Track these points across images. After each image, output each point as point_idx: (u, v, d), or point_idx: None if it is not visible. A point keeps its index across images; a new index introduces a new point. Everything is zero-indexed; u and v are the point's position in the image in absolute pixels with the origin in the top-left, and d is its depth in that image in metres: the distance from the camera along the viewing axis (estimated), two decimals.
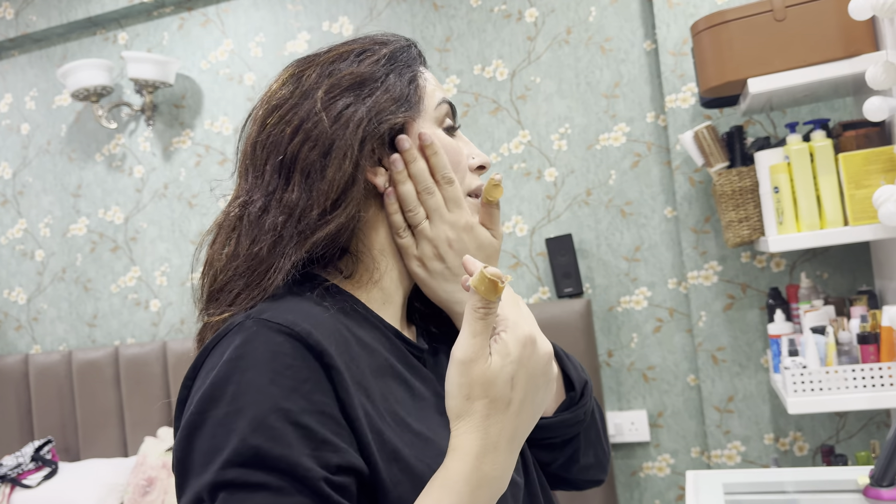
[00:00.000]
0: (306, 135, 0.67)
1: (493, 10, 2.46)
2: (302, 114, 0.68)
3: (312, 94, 0.69)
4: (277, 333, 0.59)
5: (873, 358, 1.62)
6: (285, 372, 0.57)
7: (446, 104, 0.75)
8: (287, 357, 0.58)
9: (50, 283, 3.02)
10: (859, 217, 1.65)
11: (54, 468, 2.59)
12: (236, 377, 0.57)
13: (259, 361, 0.57)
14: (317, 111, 0.67)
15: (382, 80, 0.70)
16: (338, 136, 0.66)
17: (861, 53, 1.66)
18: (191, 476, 0.57)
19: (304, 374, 0.58)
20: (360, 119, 0.67)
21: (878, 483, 1.27)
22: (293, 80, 0.71)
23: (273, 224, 0.66)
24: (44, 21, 2.92)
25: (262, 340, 0.58)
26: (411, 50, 0.75)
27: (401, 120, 0.70)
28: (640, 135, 2.31)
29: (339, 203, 0.66)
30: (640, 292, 2.31)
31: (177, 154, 2.85)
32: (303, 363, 0.58)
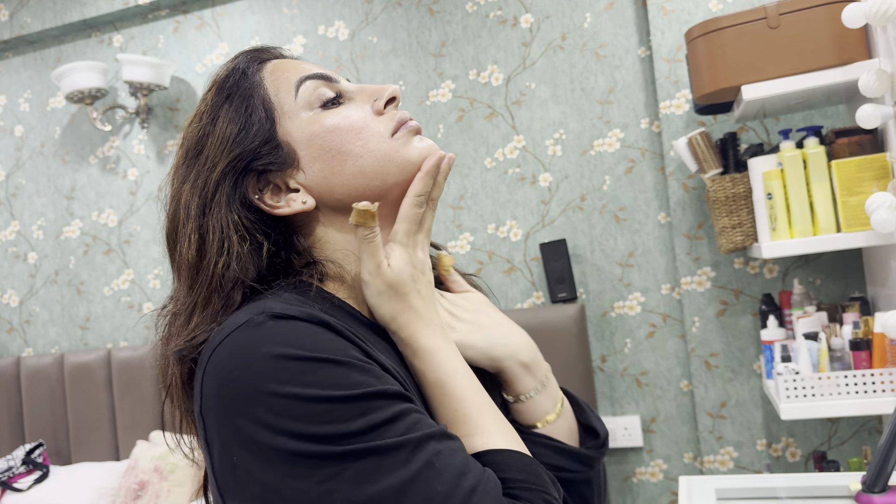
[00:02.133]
0: (168, 235, 0.71)
1: (489, 16, 2.47)
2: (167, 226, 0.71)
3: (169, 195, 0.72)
4: (297, 321, 0.59)
5: (865, 364, 1.62)
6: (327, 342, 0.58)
7: (309, 81, 0.69)
8: (323, 332, 0.59)
9: (42, 285, 3.01)
10: (852, 224, 1.66)
11: (45, 472, 2.57)
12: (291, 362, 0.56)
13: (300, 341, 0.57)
14: (167, 210, 0.71)
15: (212, 131, 0.68)
16: (177, 221, 0.69)
17: (854, 61, 1.67)
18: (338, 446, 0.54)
19: (343, 341, 0.59)
20: (187, 192, 0.68)
21: (870, 489, 1.27)
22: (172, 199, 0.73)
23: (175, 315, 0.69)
24: (38, 23, 2.91)
25: (288, 326, 0.58)
26: (235, 73, 0.70)
27: (238, 153, 0.67)
28: (635, 141, 2.32)
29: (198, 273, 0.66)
30: (634, 298, 2.32)
31: (171, 157, 2.84)
32: (335, 336, 0.59)
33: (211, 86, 0.72)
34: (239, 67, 0.71)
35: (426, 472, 0.53)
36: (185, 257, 0.67)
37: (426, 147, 0.70)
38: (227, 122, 0.68)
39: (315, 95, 0.69)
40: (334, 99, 0.69)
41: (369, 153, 0.68)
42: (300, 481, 0.53)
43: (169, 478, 2.36)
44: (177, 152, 0.72)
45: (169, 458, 2.39)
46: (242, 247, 0.65)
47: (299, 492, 0.53)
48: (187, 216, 0.68)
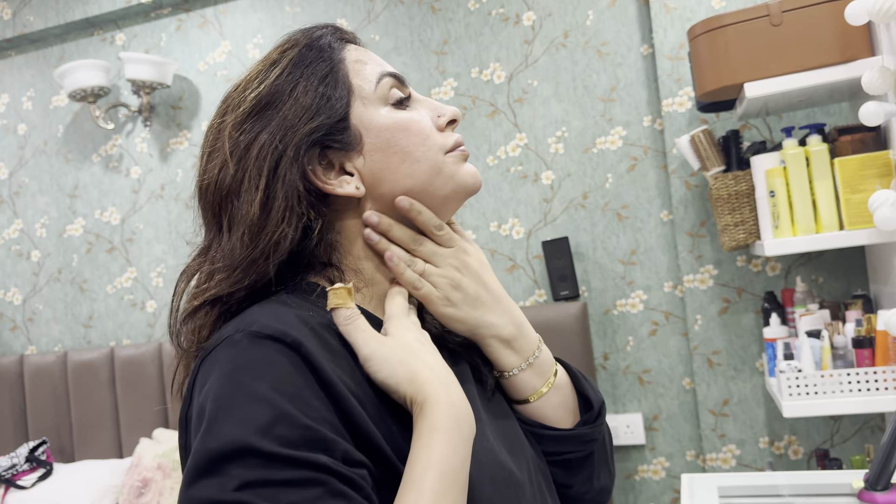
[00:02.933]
0: (221, 179, 0.68)
1: (491, 14, 2.47)
2: (217, 160, 0.69)
3: (222, 141, 0.69)
4: (269, 344, 0.58)
5: (868, 362, 1.62)
6: (284, 379, 0.57)
7: (387, 77, 0.72)
8: (284, 365, 0.58)
9: (46, 283, 3.02)
10: (855, 221, 1.66)
11: (49, 469, 2.58)
12: (234, 389, 0.56)
13: (255, 371, 0.57)
14: (225, 152, 0.68)
15: (290, 91, 0.68)
16: (243, 172, 0.66)
17: (857, 58, 1.67)
18: (206, 481, 0.54)
19: (302, 381, 0.57)
20: (263, 146, 0.66)
21: (873, 487, 1.27)
22: (213, 130, 0.72)
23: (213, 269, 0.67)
24: (41, 21, 2.92)
25: (255, 352, 0.58)
26: (321, 41, 0.71)
27: (316, 125, 0.67)
28: (637, 139, 2.32)
29: (261, 232, 0.65)
30: (636, 296, 2.32)
31: (174, 155, 2.85)
32: (298, 371, 0.58)
33: (288, 45, 0.72)
34: (326, 39, 0.72)
35: None
36: (249, 213, 0.65)
37: (474, 172, 0.74)
38: (310, 89, 0.68)
39: (391, 92, 0.72)
40: (404, 100, 0.73)
41: (426, 160, 0.71)
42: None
43: (172, 475, 2.36)
44: (235, 95, 0.71)
45: (172, 456, 2.40)
46: (300, 221, 0.66)
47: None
48: (259, 171, 0.66)
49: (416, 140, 0.70)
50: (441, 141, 0.72)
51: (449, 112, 0.74)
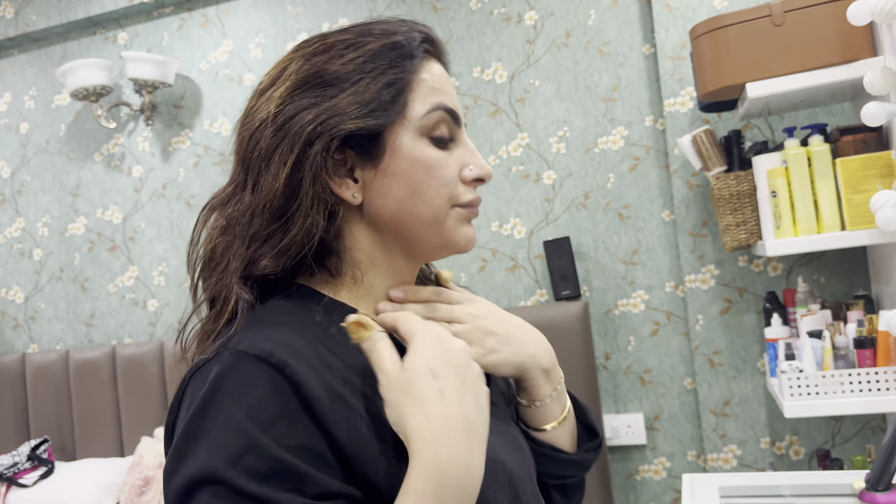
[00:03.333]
0: (258, 137, 0.66)
1: (493, 13, 2.47)
2: (262, 113, 0.67)
3: (278, 89, 0.67)
4: (254, 365, 0.58)
5: (869, 362, 1.62)
6: (261, 405, 0.57)
7: (441, 111, 0.69)
8: (263, 390, 0.57)
9: (47, 282, 3.02)
10: (856, 222, 1.65)
11: (50, 467, 2.58)
12: (213, 412, 0.56)
13: (234, 395, 0.57)
14: (270, 112, 0.66)
15: (355, 80, 0.66)
16: (282, 139, 0.64)
17: (859, 59, 1.67)
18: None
19: (280, 407, 0.57)
20: (305, 123, 0.64)
21: (874, 487, 1.27)
22: (284, 64, 0.70)
23: (228, 224, 0.67)
24: (43, 20, 2.92)
25: (238, 373, 0.58)
26: (406, 47, 0.69)
27: (356, 127, 0.65)
28: (639, 138, 2.32)
29: (285, 214, 0.64)
30: (638, 295, 2.31)
31: (175, 154, 2.85)
32: (279, 396, 0.57)
33: (377, 32, 0.70)
34: (412, 46, 0.70)
35: None
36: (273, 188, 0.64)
37: (470, 236, 0.72)
38: (371, 89, 0.66)
39: (436, 127, 0.69)
40: (445, 141, 0.70)
41: (432, 205, 0.69)
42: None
43: None
44: (310, 50, 0.69)
45: None
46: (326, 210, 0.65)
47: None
48: (290, 148, 0.64)
49: (432, 183, 0.68)
50: (455, 193, 0.70)
51: (479, 170, 0.71)
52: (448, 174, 0.69)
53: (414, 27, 0.72)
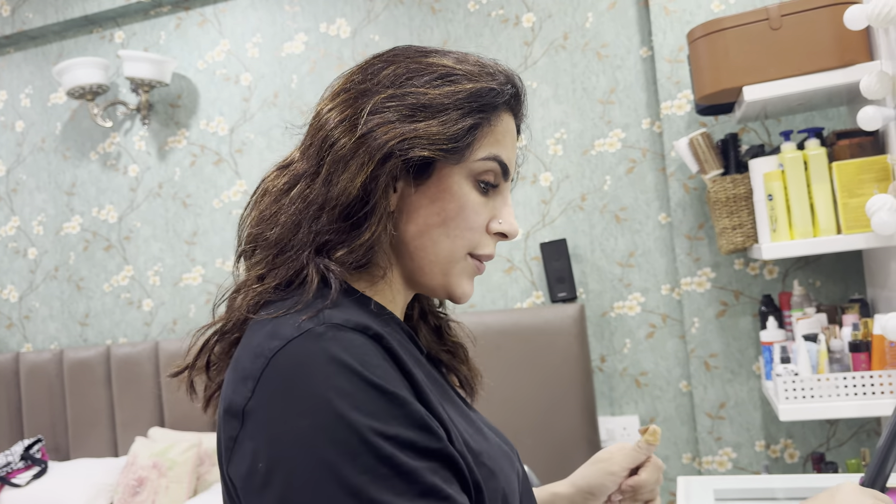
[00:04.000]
0: (344, 132, 0.67)
1: (491, 15, 2.47)
2: (353, 110, 0.68)
3: (373, 95, 0.68)
4: (355, 335, 0.60)
5: (864, 366, 1.62)
6: (381, 370, 0.59)
7: (493, 162, 0.71)
8: (377, 357, 0.60)
9: (42, 281, 3.01)
10: (852, 226, 1.66)
11: (44, 467, 2.57)
12: (333, 381, 0.56)
13: (361, 362, 0.58)
14: (364, 114, 0.67)
15: (444, 113, 0.68)
16: (363, 146, 0.66)
17: (855, 63, 1.67)
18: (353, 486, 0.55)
19: (394, 372, 0.60)
20: (389, 139, 0.66)
21: None
22: (374, 68, 0.71)
23: (296, 210, 0.68)
24: (40, 18, 2.91)
25: (348, 342, 0.59)
26: (499, 96, 0.71)
27: (431, 155, 0.67)
28: (636, 141, 2.32)
29: (352, 216, 0.66)
30: (634, 298, 2.32)
31: (172, 153, 2.84)
32: (389, 363, 0.61)
33: (482, 73, 0.71)
34: (500, 97, 0.71)
35: None
36: (347, 189, 0.66)
37: (467, 292, 0.74)
38: (458, 125, 0.68)
39: (485, 173, 0.71)
40: (489, 187, 0.72)
41: (452, 242, 0.71)
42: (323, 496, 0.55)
43: (167, 474, 2.36)
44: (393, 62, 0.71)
45: (168, 455, 2.39)
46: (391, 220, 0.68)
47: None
48: (370, 157, 0.66)
49: (460, 223, 0.70)
50: (476, 241, 0.72)
51: (506, 226, 0.73)
52: (477, 220, 0.71)
53: (510, 79, 0.74)
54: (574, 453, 2.18)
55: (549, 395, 2.23)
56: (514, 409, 2.24)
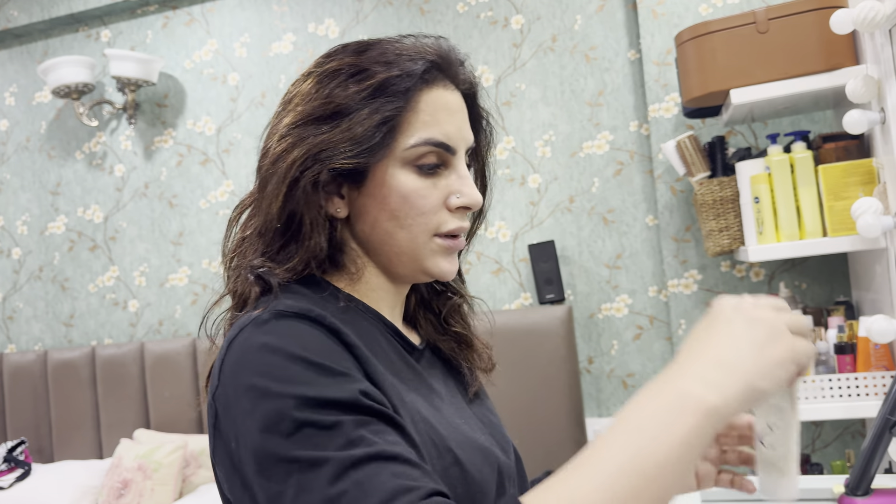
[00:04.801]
0: (262, 157, 0.71)
1: (480, 17, 2.47)
2: (271, 131, 0.71)
3: (288, 113, 0.70)
4: (295, 320, 0.62)
5: (850, 368, 1.63)
6: (313, 344, 0.60)
7: (425, 146, 0.69)
8: (313, 335, 0.61)
9: (26, 281, 2.98)
10: (838, 228, 1.67)
11: (27, 469, 2.55)
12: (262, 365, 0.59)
13: (289, 342, 0.60)
14: (273, 140, 0.70)
15: (352, 114, 0.67)
16: (274, 171, 0.68)
17: (841, 67, 1.68)
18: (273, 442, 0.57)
19: (332, 346, 0.61)
20: (297, 159, 0.67)
21: (853, 492, 1.28)
22: (294, 87, 0.72)
23: (244, 237, 0.72)
24: (25, 16, 2.89)
25: (285, 326, 0.61)
26: (408, 79, 0.69)
27: (345, 165, 0.67)
28: (623, 143, 2.32)
29: (284, 236, 0.69)
30: (621, 300, 2.32)
31: (158, 153, 2.83)
32: (327, 339, 0.62)
33: (376, 59, 0.70)
34: (411, 78, 0.69)
35: (353, 493, 0.53)
36: (270, 213, 0.69)
37: (449, 269, 0.73)
38: (367, 123, 0.67)
39: (422, 157, 0.70)
40: (432, 168, 0.71)
41: (409, 232, 0.70)
42: (264, 479, 0.56)
43: (153, 476, 2.34)
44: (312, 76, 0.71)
45: (153, 457, 2.37)
46: (326, 231, 0.70)
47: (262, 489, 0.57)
48: (283, 179, 0.68)
49: (409, 213, 0.70)
50: (437, 221, 0.71)
51: (465, 199, 0.72)
52: (427, 203, 0.70)
53: (423, 53, 0.71)
54: (561, 455, 2.18)
55: (536, 396, 2.23)
56: (501, 410, 2.23)
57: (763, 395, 0.55)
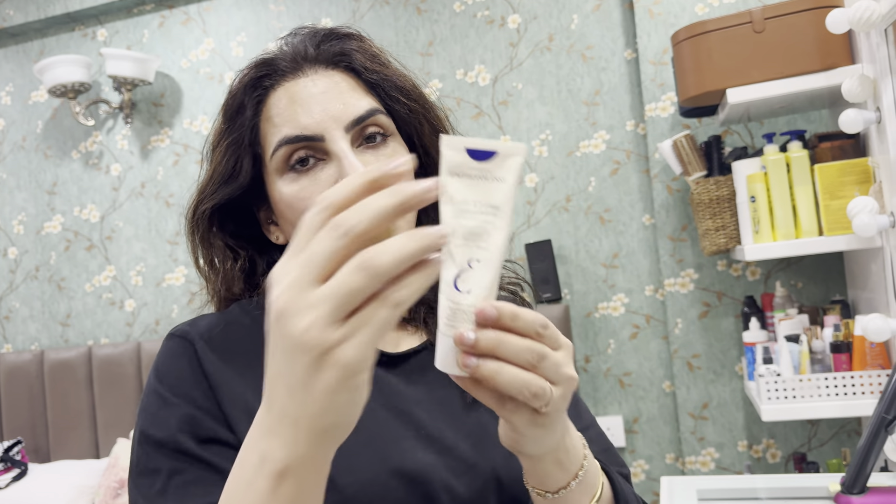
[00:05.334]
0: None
1: (476, 16, 2.47)
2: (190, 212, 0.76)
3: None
4: (173, 340, 0.68)
5: (845, 366, 1.64)
6: (168, 368, 0.67)
7: (282, 148, 0.65)
8: (175, 357, 0.67)
9: (23, 281, 2.98)
10: (834, 227, 1.67)
11: (24, 469, 2.54)
12: (148, 384, 0.67)
13: (156, 368, 0.68)
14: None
15: (212, 151, 0.72)
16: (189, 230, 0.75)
17: (837, 66, 1.69)
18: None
19: (184, 371, 0.66)
20: (190, 210, 0.73)
21: (849, 490, 1.28)
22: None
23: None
24: (21, 16, 2.88)
25: (164, 349, 0.69)
26: (238, 97, 0.69)
27: (217, 202, 0.71)
28: (620, 143, 2.33)
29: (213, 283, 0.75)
30: (618, 299, 2.32)
31: (155, 153, 2.82)
32: (185, 364, 0.66)
33: (231, 87, 0.73)
34: (238, 98, 0.70)
35: None
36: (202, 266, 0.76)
37: None
38: (223, 153, 0.71)
39: (289, 158, 0.66)
40: (304, 160, 0.66)
41: None
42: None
43: None
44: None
45: None
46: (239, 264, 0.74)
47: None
48: (191, 233, 0.75)
49: (296, 216, 0.66)
50: None
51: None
52: (307, 203, 0.65)
53: (243, 75, 0.71)
54: None
55: None
56: None
57: (344, 428, 0.44)
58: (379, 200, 0.41)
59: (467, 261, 0.47)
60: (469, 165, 0.47)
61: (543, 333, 0.49)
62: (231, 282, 0.73)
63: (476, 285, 0.47)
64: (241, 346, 0.69)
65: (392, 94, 0.71)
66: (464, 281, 0.47)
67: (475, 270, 0.47)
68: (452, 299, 0.47)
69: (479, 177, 0.47)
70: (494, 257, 0.47)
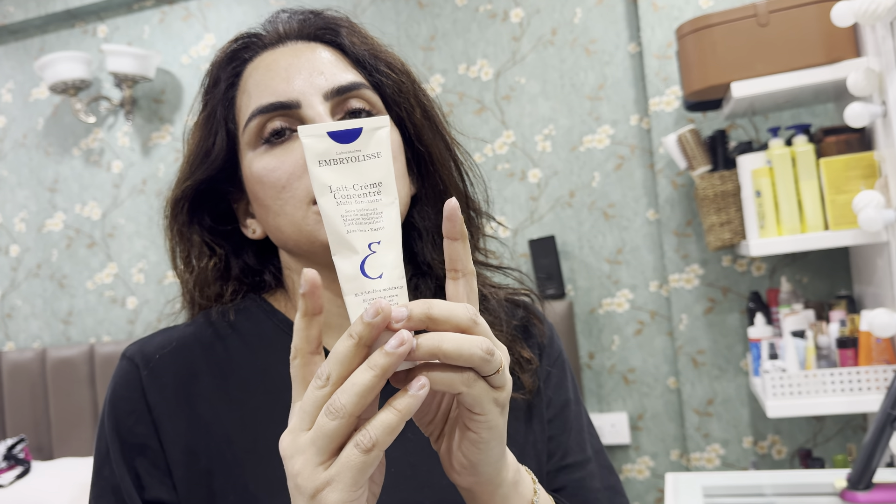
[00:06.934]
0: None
1: (479, 10, 2.45)
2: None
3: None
4: (125, 362, 0.66)
5: (851, 362, 1.63)
6: (116, 405, 0.64)
7: (255, 119, 0.62)
8: (122, 388, 0.65)
9: (24, 278, 2.97)
10: (839, 222, 1.66)
11: (27, 467, 2.54)
12: (102, 412, 0.66)
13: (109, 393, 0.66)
14: None
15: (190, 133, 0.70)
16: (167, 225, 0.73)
17: (843, 59, 1.67)
18: None
19: (128, 403, 0.64)
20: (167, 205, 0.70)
21: (855, 486, 1.28)
22: None
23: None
24: (21, 12, 2.87)
25: (117, 370, 0.66)
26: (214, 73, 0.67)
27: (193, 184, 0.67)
28: (624, 137, 2.31)
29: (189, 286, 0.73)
30: (622, 295, 2.31)
31: (156, 149, 2.81)
32: (131, 394, 0.64)
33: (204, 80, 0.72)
34: (213, 73, 0.68)
35: None
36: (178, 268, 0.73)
37: None
38: (196, 134, 0.68)
39: (263, 129, 0.62)
40: (279, 132, 0.62)
41: (285, 215, 0.61)
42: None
43: None
44: None
45: None
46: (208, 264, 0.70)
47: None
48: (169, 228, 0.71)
49: (272, 192, 0.61)
50: (304, 188, 0.60)
51: None
52: (281, 176, 0.61)
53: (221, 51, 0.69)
54: None
55: None
56: None
57: None
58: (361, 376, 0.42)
59: (368, 244, 0.46)
60: (336, 150, 0.46)
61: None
62: (204, 283, 0.70)
63: (385, 267, 0.46)
64: (186, 369, 0.65)
65: (381, 69, 0.67)
66: (371, 266, 0.45)
67: (379, 253, 0.46)
68: (366, 290, 0.45)
69: (351, 159, 0.46)
70: (392, 235, 0.46)
